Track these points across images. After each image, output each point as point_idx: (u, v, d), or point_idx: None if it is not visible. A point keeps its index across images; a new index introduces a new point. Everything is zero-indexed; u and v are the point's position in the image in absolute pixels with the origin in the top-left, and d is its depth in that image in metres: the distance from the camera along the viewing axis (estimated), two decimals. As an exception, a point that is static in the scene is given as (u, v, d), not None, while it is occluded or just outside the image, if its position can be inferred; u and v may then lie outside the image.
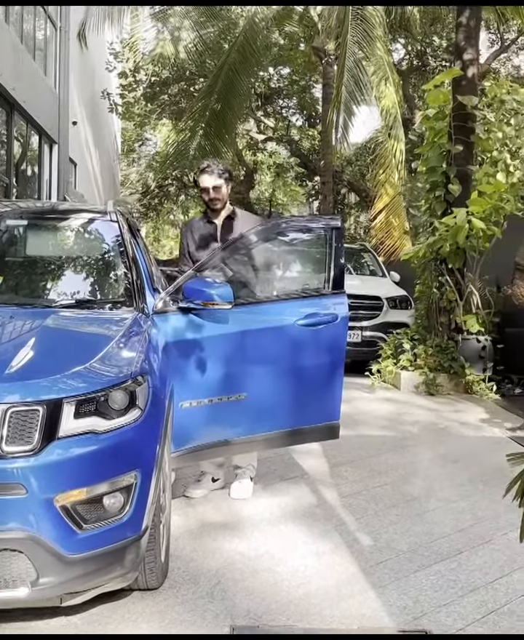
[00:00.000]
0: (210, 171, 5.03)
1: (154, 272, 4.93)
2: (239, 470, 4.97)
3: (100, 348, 3.28)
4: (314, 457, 5.85)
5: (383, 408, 8.11)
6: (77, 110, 20.27)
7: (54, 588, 2.84)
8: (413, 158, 14.49)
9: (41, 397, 2.83)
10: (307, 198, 28.33)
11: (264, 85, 22.33)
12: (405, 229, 15.06)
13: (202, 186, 5.08)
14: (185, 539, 4.12)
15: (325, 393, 4.62)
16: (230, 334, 4.30)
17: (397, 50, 22.46)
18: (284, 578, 3.66)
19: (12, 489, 2.73)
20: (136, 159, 31.22)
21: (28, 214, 5.04)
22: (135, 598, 3.37)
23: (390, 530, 4.34)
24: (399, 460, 5.91)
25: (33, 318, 3.76)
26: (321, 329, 4.50)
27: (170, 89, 22.27)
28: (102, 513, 2.93)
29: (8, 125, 13.80)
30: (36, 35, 16.15)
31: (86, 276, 4.66)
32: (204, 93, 17.51)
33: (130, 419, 3.04)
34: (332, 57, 17.26)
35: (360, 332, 10.53)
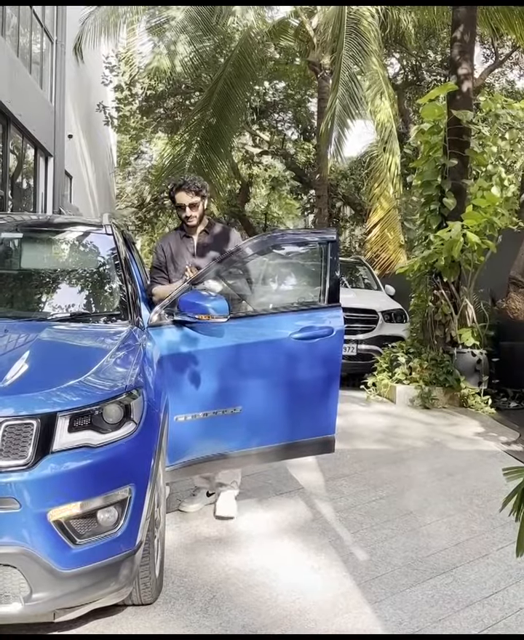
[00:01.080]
0: (187, 188, 4.85)
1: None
2: (223, 488, 4.87)
3: (94, 362, 3.27)
4: (309, 470, 5.83)
5: (379, 421, 8.09)
6: (73, 123, 20.31)
7: (48, 603, 2.81)
8: (407, 171, 14.57)
9: (35, 411, 2.82)
10: (302, 211, 28.41)
11: (260, 99, 22.42)
12: (400, 242, 15.10)
13: (178, 203, 4.89)
14: (179, 553, 4.09)
15: (321, 406, 4.61)
16: (225, 347, 4.29)
17: (392, 65, 22.63)
18: (279, 593, 3.63)
19: (5, 503, 2.72)
20: (132, 172, 31.30)
21: (23, 227, 5.03)
22: (129, 613, 3.34)
23: (386, 545, 4.32)
24: (394, 474, 5.89)
25: (27, 331, 3.74)
26: (316, 342, 4.49)
27: (166, 102, 22.37)
28: (96, 528, 2.91)
29: (3, 138, 13.81)
30: (32, 48, 16.20)
31: (81, 289, 4.66)
32: (200, 107, 17.58)
33: (125, 433, 3.03)
34: (328, 72, 17.34)
35: (355, 345, 10.52)
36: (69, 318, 4.08)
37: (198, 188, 4.87)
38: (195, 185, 4.87)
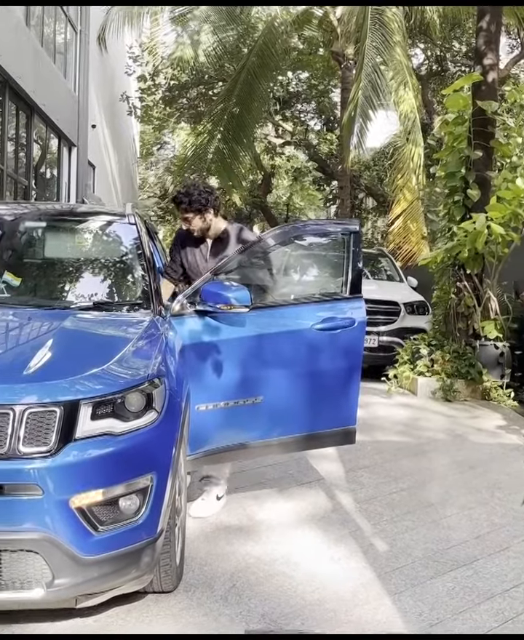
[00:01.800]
0: (179, 201, 4.70)
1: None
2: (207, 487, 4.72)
3: (117, 350, 3.28)
4: (329, 461, 5.83)
5: (400, 413, 8.07)
6: (96, 113, 20.37)
7: (70, 589, 2.84)
8: (431, 163, 14.48)
9: (58, 398, 2.83)
10: (324, 202, 28.34)
11: (283, 89, 22.35)
12: (422, 234, 15.01)
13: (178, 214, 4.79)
14: (199, 542, 4.11)
15: (342, 397, 4.59)
16: (247, 337, 4.28)
17: (417, 55, 22.45)
18: (299, 583, 3.64)
19: (28, 489, 2.74)
20: (154, 163, 31.35)
21: (46, 216, 5.05)
22: (150, 600, 3.36)
23: (406, 536, 4.31)
24: (415, 466, 5.88)
25: (51, 319, 3.76)
26: (338, 334, 4.48)
27: (189, 92, 22.35)
28: (118, 515, 2.92)
29: (27, 128, 13.88)
30: (56, 38, 16.25)
31: (103, 278, 4.67)
32: (223, 97, 17.55)
33: (147, 421, 3.04)
34: (351, 62, 17.25)
35: (377, 337, 10.49)
36: (92, 307, 4.09)
37: (187, 205, 4.66)
38: (190, 198, 4.66)
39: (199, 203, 4.66)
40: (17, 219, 4.93)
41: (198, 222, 4.70)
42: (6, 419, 2.76)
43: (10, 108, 12.76)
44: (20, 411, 2.76)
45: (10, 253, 4.70)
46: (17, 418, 2.76)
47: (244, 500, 4.86)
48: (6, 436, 2.75)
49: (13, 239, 4.79)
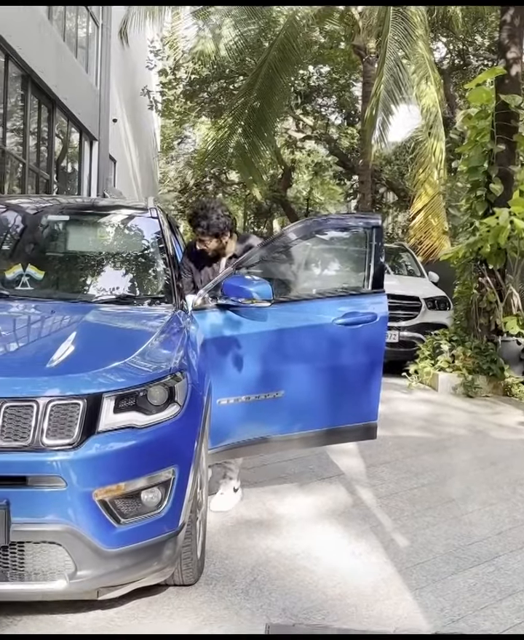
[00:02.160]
0: (196, 224, 4.58)
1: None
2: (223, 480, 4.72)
3: (139, 344, 3.29)
4: (350, 456, 5.82)
5: (421, 409, 8.04)
6: (117, 107, 20.40)
7: (92, 581, 2.85)
8: (453, 157, 14.37)
9: (81, 391, 2.84)
10: (345, 197, 28.26)
11: (304, 83, 22.28)
12: (444, 229, 14.91)
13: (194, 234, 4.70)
14: (220, 535, 4.11)
15: (363, 392, 4.58)
16: (268, 331, 4.28)
17: (439, 49, 22.29)
18: (319, 577, 3.64)
19: (51, 481, 2.75)
20: (175, 157, 31.35)
21: (69, 209, 5.07)
22: (171, 593, 3.37)
23: (427, 532, 4.30)
24: (436, 462, 5.86)
25: (73, 313, 3.78)
26: (360, 329, 4.46)
27: (210, 87, 22.33)
28: (140, 508, 2.93)
29: (49, 122, 13.93)
30: (78, 33, 16.28)
31: (125, 271, 4.68)
32: (244, 91, 17.51)
33: (169, 414, 3.04)
34: (373, 56, 17.16)
35: (398, 333, 10.44)
36: (114, 300, 4.11)
37: (203, 229, 4.56)
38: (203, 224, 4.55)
39: (217, 227, 4.57)
40: (40, 212, 4.95)
41: (214, 244, 4.64)
42: (30, 411, 2.77)
43: (32, 102, 12.81)
44: (43, 403, 2.78)
45: (33, 246, 4.72)
46: (40, 411, 2.77)
47: (264, 494, 4.86)
48: (29, 428, 2.76)
49: (36, 233, 4.81)
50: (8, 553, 2.78)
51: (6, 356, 3.22)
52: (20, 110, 12.58)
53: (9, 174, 12.11)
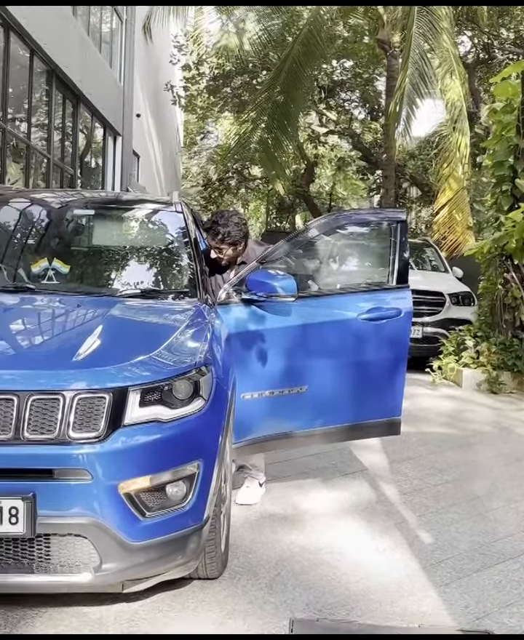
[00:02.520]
0: (214, 232, 4.57)
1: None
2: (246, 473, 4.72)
3: (164, 338, 3.29)
4: (373, 452, 5.80)
5: (445, 405, 8.00)
6: (141, 102, 20.44)
7: (117, 574, 2.86)
8: (478, 152, 14.27)
9: (107, 385, 2.85)
10: (368, 192, 28.13)
11: (327, 78, 22.20)
12: (468, 224, 14.80)
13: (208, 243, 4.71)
14: (244, 530, 4.12)
15: (387, 388, 4.57)
16: (292, 326, 4.27)
17: (463, 43, 22.11)
18: (343, 573, 3.63)
19: (77, 474, 2.76)
20: (197, 152, 31.37)
21: (94, 203, 5.08)
22: (195, 587, 3.37)
23: (451, 529, 4.28)
24: (460, 458, 5.83)
25: (99, 307, 3.78)
26: (384, 324, 4.45)
27: (233, 81, 22.30)
28: (165, 502, 2.94)
29: (74, 117, 13.98)
30: (102, 28, 16.32)
31: (150, 266, 4.69)
32: (267, 85, 17.47)
33: (194, 409, 3.04)
34: (397, 50, 17.05)
35: (421, 328, 10.39)
36: (139, 294, 4.11)
37: (222, 236, 4.55)
38: (222, 231, 4.54)
39: (236, 237, 4.59)
40: (65, 207, 4.96)
41: (230, 253, 4.64)
42: (57, 404, 2.78)
43: (57, 97, 12.86)
44: (70, 397, 2.79)
45: (58, 241, 4.74)
46: (67, 404, 2.78)
47: (288, 489, 4.86)
48: (56, 421, 2.77)
49: (61, 227, 4.82)
50: (34, 546, 2.80)
51: (33, 349, 3.25)
52: (45, 105, 12.64)
53: (34, 170, 12.17)
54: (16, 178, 11.53)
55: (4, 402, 2.77)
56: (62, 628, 2.97)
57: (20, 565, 2.80)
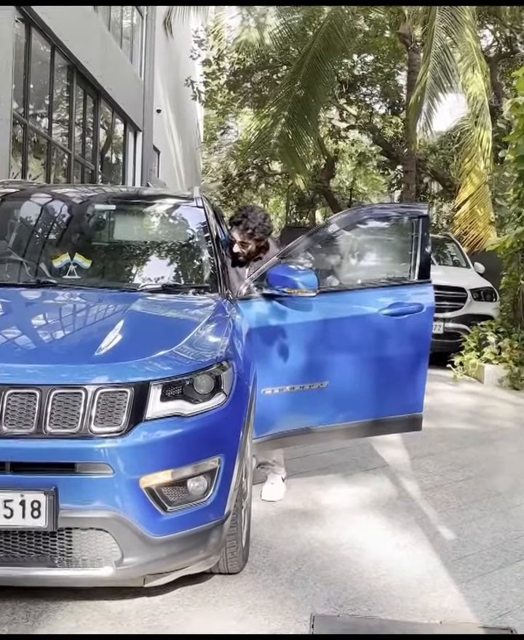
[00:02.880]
0: (244, 227, 4.60)
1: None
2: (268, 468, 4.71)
3: (185, 333, 3.29)
4: (394, 448, 5.78)
5: (466, 401, 7.96)
6: (161, 97, 20.47)
7: (138, 568, 2.87)
8: (500, 146, 14.15)
9: (129, 379, 2.85)
10: (389, 187, 28.01)
11: (348, 72, 22.11)
12: (490, 219, 14.70)
13: (231, 237, 4.74)
14: (264, 525, 4.12)
15: (408, 384, 4.54)
16: (313, 321, 4.26)
17: (485, 37, 21.94)
18: (364, 569, 3.62)
19: (99, 468, 2.77)
20: (217, 147, 31.37)
21: (115, 199, 5.09)
22: (216, 581, 3.38)
23: (473, 525, 4.26)
24: (482, 454, 5.80)
25: (120, 301, 3.79)
26: (406, 319, 4.42)
27: (253, 77, 22.26)
28: (186, 496, 2.94)
29: (95, 112, 14.02)
30: (122, 23, 16.34)
31: (171, 261, 4.69)
32: (288, 80, 17.41)
33: (215, 403, 3.04)
34: (419, 44, 16.95)
35: (442, 324, 10.34)
36: (160, 289, 4.11)
37: (252, 230, 4.59)
38: (254, 224, 4.59)
39: (263, 233, 4.64)
40: (87, 202, 4.98)
41: (253, 249, 4.67)
42: (79, 399, 2.79)
43: (77, 92, 12.90)
44: (91, 391, 2.79)
45: (80, 236, 4.75)
46: (88, 398, 2.79)
47: (308, 484, 4.85)
48: (78, 415, 2.78)
49: (82, 222, 4.84)
50: (56, 539, 2.81)
51: (55, 344, 3.26)
52: (66, 101, 12.69)
53: (55, 165, 12.22)
54: (37, 174, 11.57)
55: (27, 396, 2.78)
56: (84, 622, 2.99)
57: (42, 559, 2.81)
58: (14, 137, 10.02)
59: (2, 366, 2.86)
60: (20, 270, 4.32)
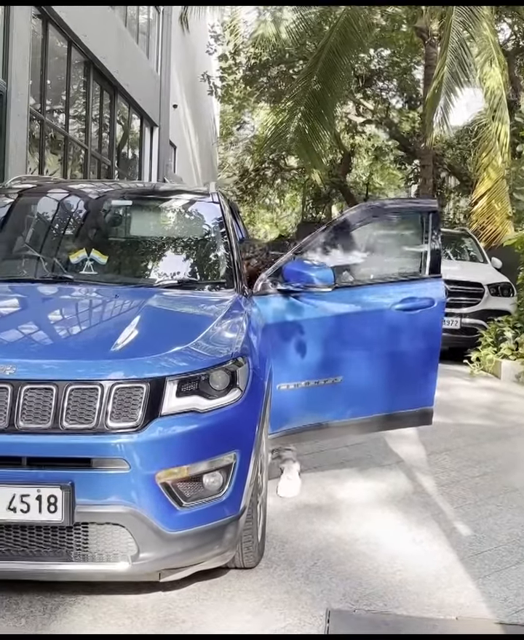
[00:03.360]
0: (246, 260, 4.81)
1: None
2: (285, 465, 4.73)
3: (201, 328, 3.30)
4: (410, 443, 5.77)
5: (483, 397, 7.93)
6: (177, 93, 20.47)
7: (154, 563, 2.88)
8: (517, 141, 14.06)
9: (145, 375, 2.86)
10: (405, 182, 27.89)
11: (364, 67, 22.02)
12: (507, 214, 14.61)
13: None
14: (280, 520, 4.12)
15: (420, 378, 4.56)
16: (328, 317, 4.28)
17: (503, 30, 21.79)
18: (380, 564, 3.62)
19: (115, 464, 2.78)
20: (234, 142, 31.34)
21: (131, 194, 5.10)
22: (232, 576, 3.39)
23: (490, 521, 4.24)
24: (499, 450, 5.77)
25: (136, 297, 3.80)
26: (417, 314, 4.44)
27: (269, 71, 22.21)
28: (202, 492, 2.95)
29: (111, 108, 14.04)
30: (139, 18, 16.35)
31: (187, 256, 4.70)
32: (304, 75, 17.36)
33: (231, 399, 3.04)
34: (436, 38, 16.86)
35: (459, 319, 10.30)
36: (176, 285, 4.12)
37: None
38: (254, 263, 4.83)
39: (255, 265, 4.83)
40: (103, 197, 4.99)
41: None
42: (95, 394, 2.80)
43: (94, 88, 12.92)
44: (108, 386, 2.80)
45: (96, 231, 4.77)
46: (105, 393, 2.80)
47: (323, 479, 4.86)
48: (94, 410, 2.79)
49: (99, 218, 4.85)
50: (72, 534, 2.82)
51: (71, 339, 3.28)
52: (82, 96, 12.72)
53: (72, 161, 12.26)
54: (54, 169, 11.61)
55: (43, 392, 2.80)
56: (100, 615, 3.01)
57: (59, 553, 2.83)
58: (31, 132, 10.06)
59: (19, 361, 2.87)
60: (37, 265, 4.34)
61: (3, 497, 2.73)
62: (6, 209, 4.76)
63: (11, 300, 3.87)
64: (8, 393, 2.78)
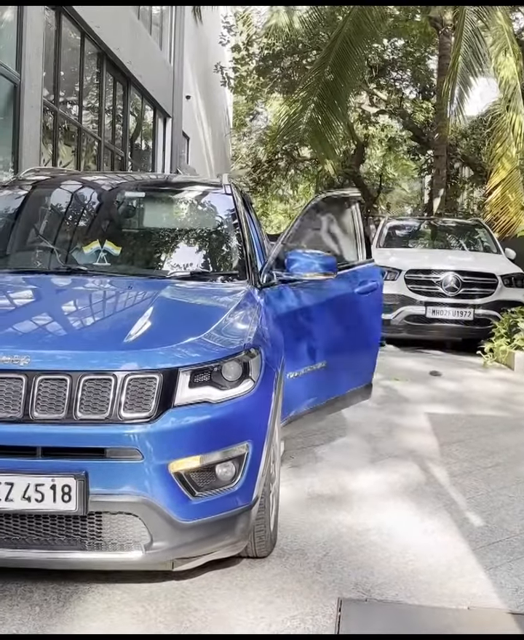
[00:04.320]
0: None
1: (266, 245, 4.96)
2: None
3: (214, 320, 3.32)
4: (422, 434, 5.78)
5: (496, 388, 7.92)
6: (191, 84, 20.45)
7: (167, 552, 2.90)
8: (532, 131, 13.97)
9: (158, 365, 2.88)
10: (419, 172, 27.80)
11: (378, 57, 21.92)
12: (522, 205, 14.54)
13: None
14: (292, 509, 4.14)
15: (370, 355, 5.18)
16: (321, 303, 4.60)
17: (518, 20, 21.61)
18: (392, 554, 3.63)
19: (128, 454, 2.80)
20: (247, 133, 31.29)
21: (144, 186, 5.12)
22: (244, 565, 3.41)
23: (502, 512, 4.25)
24: (511, 441, 5.76)
25: (149, 288, 3.82)
26: (369, 296, 4.97)
27: (283, 62, 22.16)
28: (214, 482, 2.97)
29: (124, 99, 14.05)
30: (152, 9, 16.33)
31: (200, 248, 4.73)
32: (317, 65, 17.30)
33: (243, 390, 3.06)
34: (450, 28, 16.76)
35: (473, 310, 10.27)
36: (189, 276, 4.14)
37: None
38: None
39: None
40: (116, 189, 5.01)
41: None
42: (109, 385, 2.82)
43: (107, 79, 12.93)
44: (121, 377, 2.83)
45: (109, 223, 4.79)
46: (118, 384, 2.82)
47: (335, 469, 4.87)
48: (108, 401, 2.81)
49: (112, 209, 4.88)
50: (86, 523, 2.85)
51: (85, 330, 3.30)
52: (96, 88, 12.73)
53: (85, 152, 12.29)
54: (68, 160, 11.64)
55: (57, 382, 2.82)
56: (114, 603, 3.03)
57: (72, 542, 2.85)
58: (44, 124, 10.08)
59: (33, 352, 2.90)
60: (51, 257, 4.37)
61: (18, 486, 2.76)
62: (20, 201, 4.79)
63: (25, 292, 3.90)
64: (23, 384, 2.81)
